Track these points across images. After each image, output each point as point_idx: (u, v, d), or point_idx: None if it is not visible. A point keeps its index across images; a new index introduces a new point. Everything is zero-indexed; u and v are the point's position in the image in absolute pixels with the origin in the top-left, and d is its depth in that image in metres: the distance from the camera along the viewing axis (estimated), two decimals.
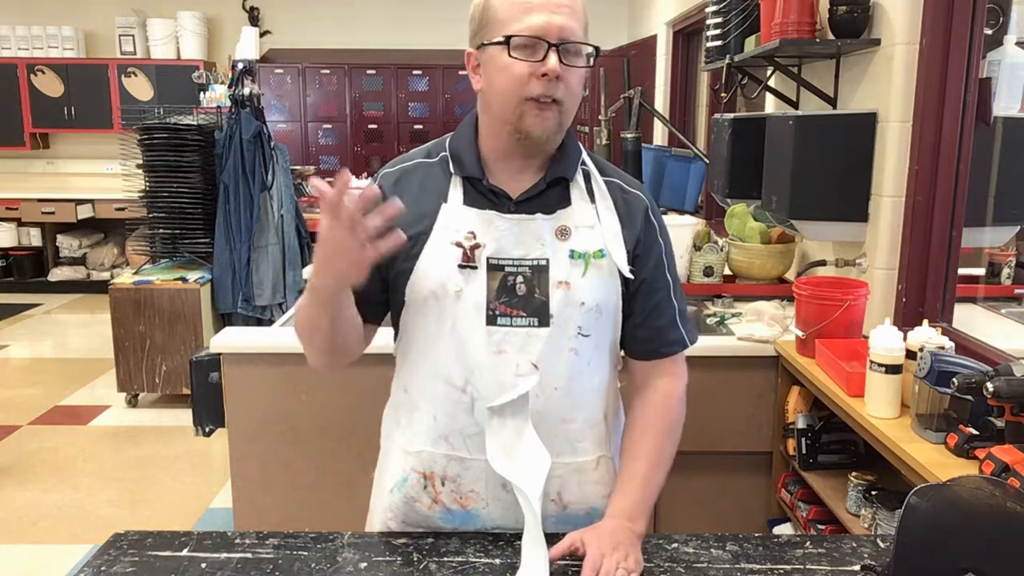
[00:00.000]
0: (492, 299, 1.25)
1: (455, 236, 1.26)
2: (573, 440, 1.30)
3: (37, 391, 4.77)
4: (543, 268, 1.26)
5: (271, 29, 7.59)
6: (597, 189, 1.32)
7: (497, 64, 1.22)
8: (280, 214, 4.63)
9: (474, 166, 1.29)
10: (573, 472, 1.31)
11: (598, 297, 1.28)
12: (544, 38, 1.19)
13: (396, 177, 1.32)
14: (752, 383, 2.38)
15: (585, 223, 1.29)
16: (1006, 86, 2.26)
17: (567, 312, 1.26)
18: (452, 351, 1.26)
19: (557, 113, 1.23)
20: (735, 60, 2.86)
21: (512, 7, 1.21)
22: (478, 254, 1.25)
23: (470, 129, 1.32)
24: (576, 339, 1.27)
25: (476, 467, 1.28)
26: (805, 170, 2.37)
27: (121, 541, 1.27)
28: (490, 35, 1.23)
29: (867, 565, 1.18)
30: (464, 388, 1.26)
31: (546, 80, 1.20)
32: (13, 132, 7.27)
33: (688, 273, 2.84)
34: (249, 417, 2.38)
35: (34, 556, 3.04)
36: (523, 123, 1.22)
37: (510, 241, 1.26)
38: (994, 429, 1.54)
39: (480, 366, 1.25)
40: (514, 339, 1.25)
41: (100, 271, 7.29)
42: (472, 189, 1.29)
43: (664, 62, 5.53)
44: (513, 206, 1.28)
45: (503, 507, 1.30)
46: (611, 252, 1.28)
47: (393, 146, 7.36)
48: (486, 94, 1.27)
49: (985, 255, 2.69)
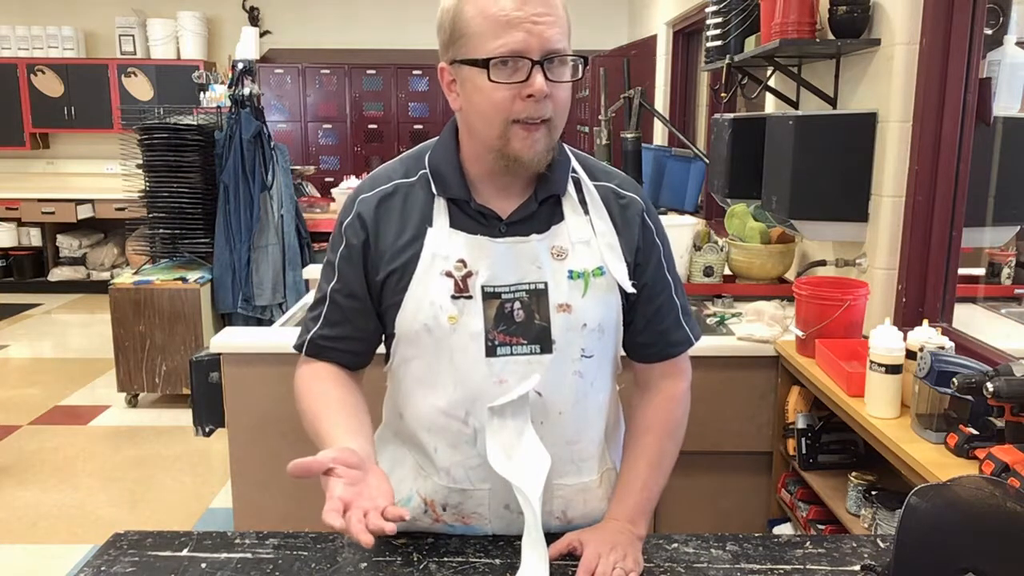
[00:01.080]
0: (490, 329, 1.19)
1: (444, 265, 1.19)
2: (578, 461, 1.28)
3: (37, 391, 4.77)
4: (542, 292, 1.20)
5: (271, 29, 7.59)
6: (589, 198, 1.25)
7: (476, 85, 1.12)
8: (280, 214, 4.63)
9: (459, 187, 1.20)
10: (578, 492, 1.29)
11: (600, 317, 1.23)
12: (526, 55, 1.09)
13: (375, 203, 1.23)
14: (752, 383, 2.38)
15: (581, 239, 1.23)
16: (1006, 86, 2.25)
17: (569, 336, 1.21)
18: (450, 383, 1.21)
19: (547, 132, 1.14)
20: (735, 60, 2.86)
21: (487, 20, 1.09)
22: (471, 283, 1.19)
23: (450, 145, 1.23)
24: (580, 362, 1.23)
25: (479, 495, 1.25)
26: (805, 170, 2.37)
27: (121, 541, 1.26)
28: (464, 51, 1.12)
29: (867, 565, 1.18)
30: (466, 420, 1.21)
31: (533, 101, 1.10)
32: (13, 132, 7.27)
33: (688, 273, 2.84)
34: (249, 417, 2.38)
35: (34, 556, 3.04)
36: (510, 147, 1.14)
37: (504, 266, 1.19)
38: (994, 429, 1.54)
39: (482, 397, 1.19)
40: (515, 368, 1.19)
41: (100, 271, 7.29)
42: (458, 211, 1.21)
43: (664, 62, 5.53)
44: (504, 227, 1.21)
45: (506, 523, 1.28)
46: (610, 268, 1.23)
47: (393, 146, 7.36)
48: (467, 114, 1.18)
49: (985, 255, 2.68)
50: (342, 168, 7.30)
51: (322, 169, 7.23)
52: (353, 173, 6.58)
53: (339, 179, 6.47)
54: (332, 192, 5.68)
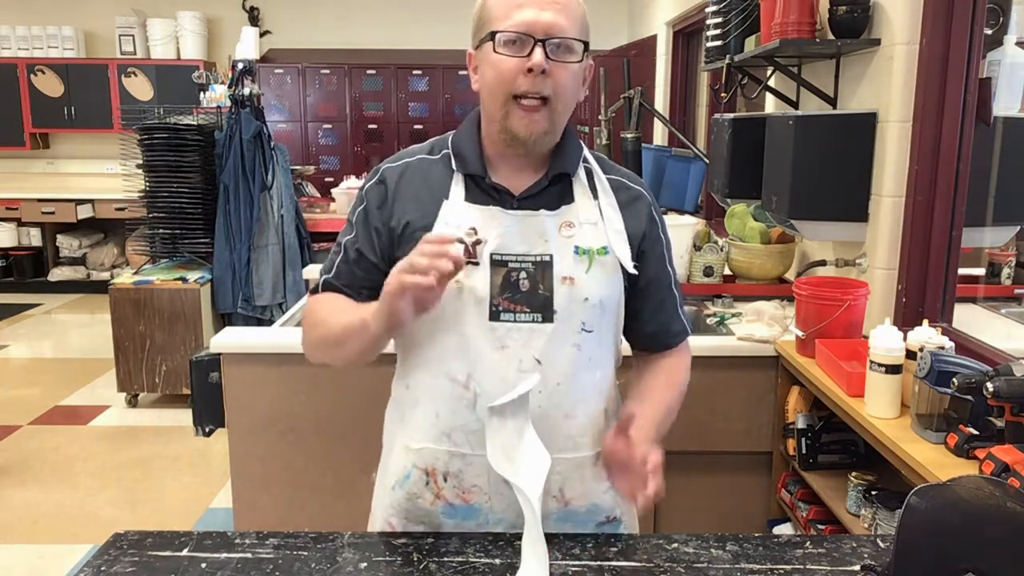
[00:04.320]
0: (495, 295, 1.25)
1: (456, 232, 1.25)
2: (575, 436, 1.31)
3: (37, 391, 4.77)
4: (547, 264, 1.26)
5: (271, 29, 7.59)
6: (600, 186, 1.32)
7: (487, 61, 1.23)
8: (280, 214, 4.63)
9: (476, 163, 1.29)
10: (575, 468, 1.31)
11: (602, 293, 1.28)
12: (530, 33, 1.19)
13: (400, 171, 1.32)
14: (752, 383, 2.38)
15: (588, 220, 1.30)
16: (1006, 86, 2.25)
17: (571, 308, 1.27)
18: (454, 347, 1.26)
19: (547, 113, 1.22)
20: (735, 60, 2.86)
21: (503, 4, 1.21)
22: (480, 250, 1.25)
23: (473, 127, 1.32)
24: (579, 335, 1.28)
25: (478, 463, 1.27)
26: (805, 170, 2.37)
27: (121, 541, 1.26)
28: (483, 32, 1.24)
29: (867, 565, 1.18)
30: (467, 384, 1.26)
31: (532, 76, 1.19)
32: (13, 132, 7.27)
33: (688, 273, 2.84)
34: (249, 417, 2.38)
35: (34, 556, 3.04)
36: (509, 122, 1.23)
37: (513, 237, 1.26)
38: (994, 429, 1.54)
39: (483, 362, 1.25)
40: (517, 335, 1.25)
41: (100, 271, 7.29)
42: (474, 186, 1.29)
43: (664, 62, 5.53)
44: (516, 203, 1.28)
45: (506, 502, 1.29)
46: (614, 249, 1.29)
47: (393, 146, 7.35)
48: (481, 92, 1.28)
49: (985, 255, 2.69)
50: (342, 168, 7.30)
51: (322, 169, 7.22)
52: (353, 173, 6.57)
53: (339, 179, 6.46)
54: (332, 192, 5.68)
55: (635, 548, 1.26)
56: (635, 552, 1.25)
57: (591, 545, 1.26)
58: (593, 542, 1.27)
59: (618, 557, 1.21)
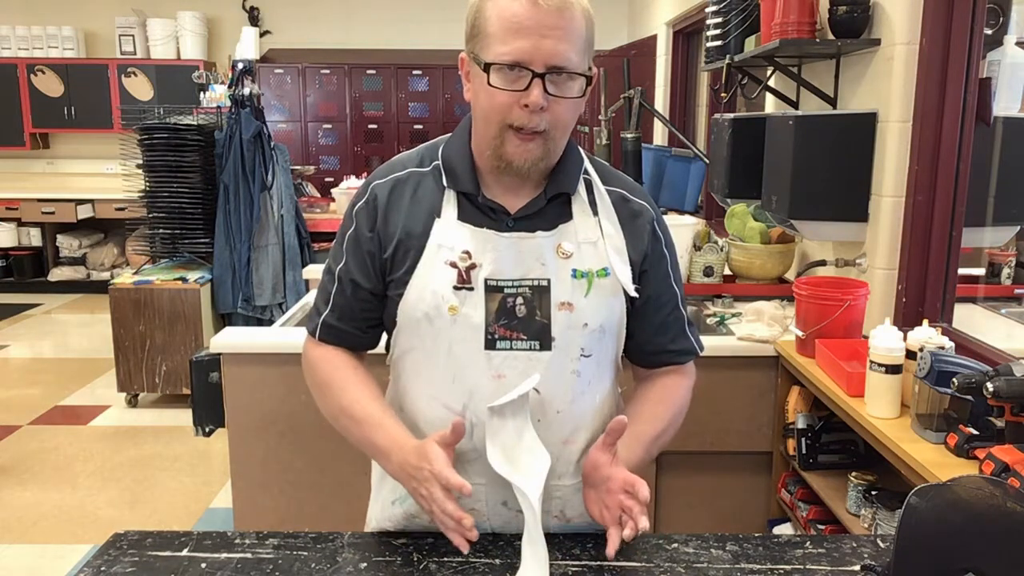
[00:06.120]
0: (491, 322, 1.19)
1: (449, 255, 1.20)
2: (575, 461, 1.27)
3: (37, 391, 4.77)
4: (544, 289, 1.20)
5: (271, 29, 7.59)
6: (600, 200, 1.25)
7: (480, 84, 1.14)
8: (280, 214, 4.63)
9: (469, 181, 1.22)
10: (574, 493, 1.28)
11: (601, 318, 1.23)
12: (528, 66, 1.10)
13: (389, 188, 1.25)
14: (752, 383, 2.38)
15: (588, 239, 1.23)
16: (1006, 86, 2.25)
17: (569, 334, 1.21)
18: (449, 375, 1.22)
19: (542, 143, 1.15)
20: (735, 60, 2.86)
21: (500, 23, 1.11)
22: (474, 275, 1.19)
23: (463, 139, 1.24)
24: (578, 361, 1.23)
25: (477, 491, 1.24)
26: (805, 170, 2.37)
27: (121, 541, 1.26)
28: (478, 47, 1.14)
29: (867, 565, 1.18)
30: (463, 413, 1.22)
31: (528, 111, 1.11)
32: (13, 132, 7.27)
33: (688, 273, 2.84)
34: (249, 417, 2.38)
35: (34, 556, 3.04)
36: (503, 150, 1.15)
37: (508, 261, 1.20)
38: (994, 429, 1.54)
39: (479, 390, 1.20)
40: (514, 363, 1.20)
41: (100, 271, 7.29)
42: (467, 204, 1.22)
43: (664, 62, 5.53)
44: (511, 223, 1.21)
45: (503, 520, 1.28)
46: (615, 270, 1.23)
47: (393, 146, 7.35)
48: (474, 109, 1.20)
49: (985, 255, 2.69)
50: (342, 168, 7.30)
51: (322, 169, 7.22)
52: (353, 173, 6.57)
53: (339, 179, 6.46)
54: (332, 192, 5.68)
55: (635, 548, 1.25)
56: (635, 552, 1.24)
57: (591, 545, 1.26)
58: (593, 542, 1.27)
59: (618, 557, 1.21)
